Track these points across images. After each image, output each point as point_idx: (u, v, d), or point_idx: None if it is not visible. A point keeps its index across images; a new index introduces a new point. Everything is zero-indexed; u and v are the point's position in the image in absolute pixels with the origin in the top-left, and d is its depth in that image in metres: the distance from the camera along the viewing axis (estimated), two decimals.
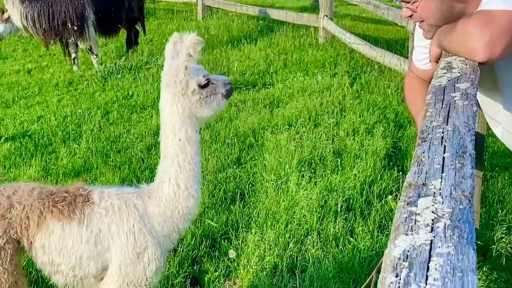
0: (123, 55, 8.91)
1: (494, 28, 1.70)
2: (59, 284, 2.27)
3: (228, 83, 2.19)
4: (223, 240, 3.48)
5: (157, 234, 2.20)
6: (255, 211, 3.77)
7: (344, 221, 3.58)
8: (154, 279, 2.23)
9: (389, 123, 5.19)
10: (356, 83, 6.38)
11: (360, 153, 4.52)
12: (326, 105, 5.71)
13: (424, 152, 1.29)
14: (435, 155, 1.26)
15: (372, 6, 7.76)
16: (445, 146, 1.30)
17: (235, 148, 4.84)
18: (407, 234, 0.97)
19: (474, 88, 1.68)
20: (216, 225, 3.59)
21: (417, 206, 1.06)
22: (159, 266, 2.22)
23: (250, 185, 4.19)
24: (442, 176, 1.16)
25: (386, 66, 6.65)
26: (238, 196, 4.03)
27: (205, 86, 2.12)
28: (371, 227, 3.51)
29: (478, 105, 2.14)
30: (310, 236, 3.43)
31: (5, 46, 10.10)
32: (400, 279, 0.86)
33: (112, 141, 5.24)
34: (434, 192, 1.10)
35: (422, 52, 2.20)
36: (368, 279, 1.62)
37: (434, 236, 0.95)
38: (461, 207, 1.05)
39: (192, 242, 3.41)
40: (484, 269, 3.13)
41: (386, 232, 3.45)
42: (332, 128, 5.10)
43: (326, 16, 8.59)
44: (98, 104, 6.40)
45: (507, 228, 3.48)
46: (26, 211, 2.15)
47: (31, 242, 2.16)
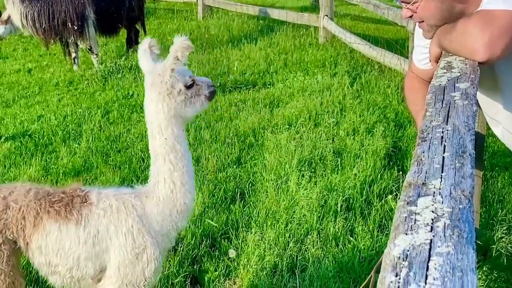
0: (123, 54, 8.90)
1: (494, 28, 1.70)
2: (56, 285, 2.26)
3: (211, 85, 2.23)
4: (223, 240, 3.48)
5: (155, 234, 2.20)
6: (255, 210, 3.77)
7: (344, 220, 3.58)
8: (153, 279, 2.23)
9: (389, 122, 5.19)
10: (356, 83, 6.38)
11: (360, 152, 4.53)
12: (326, 104, 5.71)
13: (424, 152, 1.29)
14: (435, 155, 1.26)
15: (372, 6, 7.76)
16: (445, 145, 1.30)
17: (235, 148, 4.84)
18: (406, 234, 0.97)
19: (474, 87, 1.68)
20: (216, 224, 3.59)
21: (417, 206, 1.06)
22: (157, 266, 2.21)
23: (250, 184, 4.19)
24: (442, 175, 1.16)
25: (386, 66, 6.65)
26: (238, 195, 4.03)
27: (190, 87, 2.16)
28: (371, 227, 3.51)
29: (478, 104, 2.14)
30: (310, 236, 3.43)
31: (5, 46, 10.10)
32: (399, 279, 0.86)
33: (112, 140, 5.24)
34: (434, 192, 1.10)
35: (422, 52, 2.20)
36: (368, 278, 1.62)
37: (433, 236, 0.95)
38: (460, 206, 1.05)
39: (192, 242, 3.41)
40: (484, 268, 3.13)
41: (386, 232, 3.45)
42: (332, 127, 5.11)
43: (326, 15, 8.60)
44: (98, 104, 6.40)
45: (507, 228, 3.48)
46: (22, 211, 2.14)
47: (28, 243, 2.16)
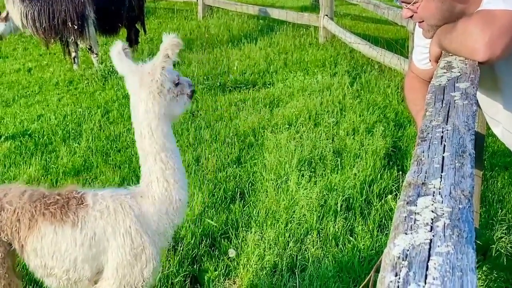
0: None
1: (494, 28, 1.70)
2: (52, 287, 2.25)
3: (191, 85, 2.27)
4: (223, 239, 3.48)
5: (152, 233, 2.20)
6: (255, 210, 3.77)
7: (344, 220, 3.58)
8: (151, 279, 2.23)
9: (389, 122, 5.19)
10: (356, 83, 6.38)
11: (360, 152, 4.53)
12: (326, 104, 5.71)
13: (423, 152, 1.29)
14: (434, 155, 1.27)
15: (372, 6, 7.76)
16: (444, 145, 1.31)
17: (235, 148, 4.84)
18: (406, 233, 0.97)
19: (474, 87, 1.68)
20: (216, 224, 3.60)
21: (416, 205, 1.06)
22: (156, 266, 2.22)
23: (250, 184, 4.19)
24: (441, 175, 1.16)
25: (386, 65, 6.65)
26: (238, 195, 4.03)
27: (176, 85, 2.18)
28: (370, 227, 3.51)
29: (478, 104, 2.14)
30: (310, 236, 3.43)
31: (5, 45, 10.09)
32: (399, 278, 0.86)
33: (112, 140, 5.24)
34: (434, 192, 1.10)
35: (422, 51, 2.20)
36: (367, 278, 1.63)
37: (433, 235, 0.95)
38: (460, 206, 1.05)
39: (192, 241, 3.41)
40: (483, 268, 3.13)
41: (386, 232, 3.45)
42: (332, 127, 5.11)
43: (327, 15, 8.59)
44: (98, 103, 6.40)
45: (507, 228, 3.48)
46: (17, 213, 2.13)
47: (23, 245, 2.15)
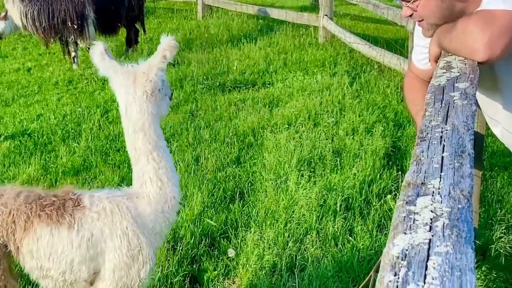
0: (123, 54, 8.89)
1: (494, 28, 1.70)
2: None
3: (169, 88, 2.31)
4: (222, 239, 3.48)
5: (149, 234, 2.20)
6: (254, 210, 3.77)
7: (343, 220, 3.58)
8: (147, 280, 2.24)
9: (388, 122, 5.19)
10: (356, 83, 6.38)
11: (359, 152, 4.53)
12: (325, 104, 5.71)
13: (423, 152, 1.29)
14: (434, 155, 1.26)
15: (372, 6, 7.76)
16: (444, 145, 1.31)
17: (234, 147, 4.84)
18: (405, 233, 0.97)
19: (473, 87, 1.68)
20: (215, 224, 3.60)
21: (415, 205, 1.06)
22: (152, 266, 2.22)
23: (250, 184, 4.19)
24: (441, 175, 1.16)
25: (385, 65, 6.65)
26: (238, 195, 4.03)
27: (163, 86, 2.22)
28: (370, 226, 3.51)
29: (477, 104, 2.14)
30: (309, 235, 3.43)
31: (4, 45, 10.09)
32: (398, 278, 0.86)
33: (112, 139, 5.24)
34: (433, 191, 1.10)
35: (421, 51, 2.20)
36: (367, 278, 1.63)
37: (432, 235, 0.95)
38: (459, 206, 1.05)
39: (192, 241, 3.41)
40: (483, 268, 3.13)
41: (385, 231, 3.45)
42: (332, 127, 5.11)
43: (326, 15, 8.59)
44: (98, 103, 6.40)
45: (506, 228, 3.48)
46: (13, 215, 2.11)
47: (18, 247, 2.14)
